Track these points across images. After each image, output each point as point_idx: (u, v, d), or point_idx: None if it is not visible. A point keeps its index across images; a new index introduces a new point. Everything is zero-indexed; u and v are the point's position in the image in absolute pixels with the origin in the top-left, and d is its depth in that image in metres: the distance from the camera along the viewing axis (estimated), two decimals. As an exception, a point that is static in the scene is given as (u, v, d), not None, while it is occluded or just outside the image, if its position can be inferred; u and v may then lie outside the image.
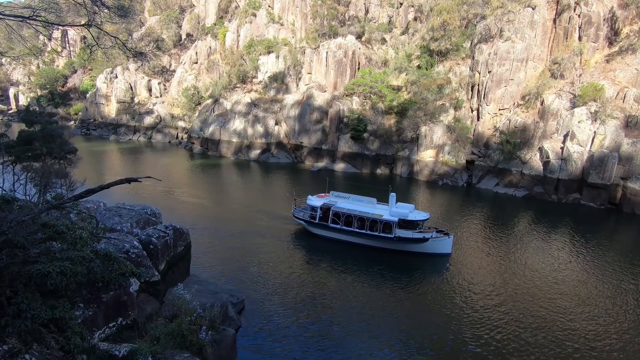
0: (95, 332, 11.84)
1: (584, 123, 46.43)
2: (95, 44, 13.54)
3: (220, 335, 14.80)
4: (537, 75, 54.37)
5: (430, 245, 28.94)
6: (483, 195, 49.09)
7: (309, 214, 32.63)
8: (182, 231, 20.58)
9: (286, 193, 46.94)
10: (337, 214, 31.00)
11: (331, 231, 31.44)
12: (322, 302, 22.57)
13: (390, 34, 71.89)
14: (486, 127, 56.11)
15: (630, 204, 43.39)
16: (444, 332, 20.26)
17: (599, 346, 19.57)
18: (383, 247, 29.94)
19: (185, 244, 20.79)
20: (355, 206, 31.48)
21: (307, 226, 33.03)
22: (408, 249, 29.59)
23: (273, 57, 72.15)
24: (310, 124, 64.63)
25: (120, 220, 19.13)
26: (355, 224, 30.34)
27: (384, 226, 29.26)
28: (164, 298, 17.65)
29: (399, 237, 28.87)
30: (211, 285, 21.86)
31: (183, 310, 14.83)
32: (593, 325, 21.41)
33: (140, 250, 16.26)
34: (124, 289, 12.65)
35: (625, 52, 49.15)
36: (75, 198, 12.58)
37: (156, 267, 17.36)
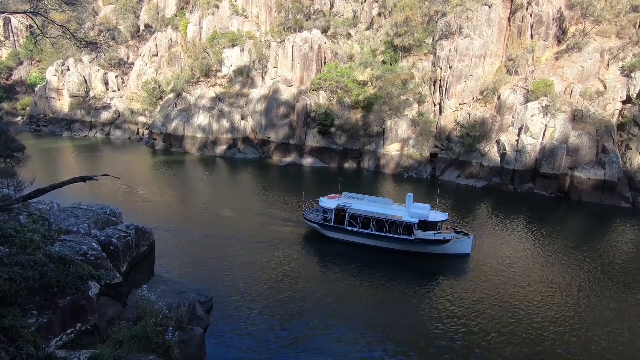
0: (51, 339, 11.23)
1: (536, 117, 49.34)
2: (40, 32, 12.65)
3: (187, 335, 14.50)
4: (494, 71, 56.98)
5: (451, 246, 28.45)
6: (446, 187, 51.04)
7: (322, 217, 30.77)
8: (145, 230, 19.86)
9: (254, 189, 46.44)
10: (354, 216, 29.51)
11: (347, 234, 29.95)
12: (299, 300, 22.53)
13: (355, 29, 72.47)
14: (448, 121, 58.21)
15: (577, 192, 46.80)
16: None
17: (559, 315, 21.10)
18: (402, 249, 29.05)
19: (148, 243, 20.08)
20: (372, 207, 30.01)
21: (320, 229, 31.24)
22: (428, 250, 28.83)
23: (238, 51, 70.63)
24: (277, 118, 64.07)
25: (76, 221, 18.13)
26: (373, 226, 29.05)
27: (404, 228, 28.28)
28: (127, 300, 17.01)
29: (420, 238, 28.07)
30: (177, 285, 21.31)
31: (148, 311, 14.39)
32: (548, 305, 23.03)
33: (100, 252, 15.53)
34: (82, 293, 12.05)
35: (572, 50, 52.58)
36: (24, 199, 11.79)
37: (117, 268, 16.66)
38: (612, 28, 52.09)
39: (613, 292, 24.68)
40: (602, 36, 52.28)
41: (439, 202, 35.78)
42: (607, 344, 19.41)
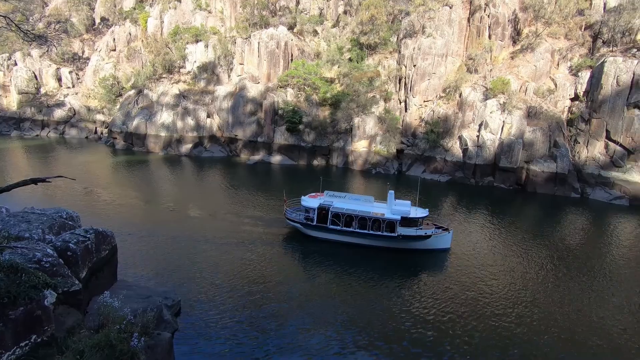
0: (2, 354, 10.48)
1: (495, 113, 51.80)
2: (-19, 25, 11.68)
3: (154, 340, 14.01)
4: (455, 70, 59.12)
5: (432, 242, 29.11)
6: (412, 182, 52.40)
7: (304, 216, 30.49)
8: (106, 234, 18.91)
9: (223, 188, 45.52)
10: (337, 215, 29.48)
11: (331, 233, 29.86)
12: (273, 300, 22.29)
13: (322, 26, 72.60)
14: (413, 117, 59.81)
15: (532, 184, 49.69)
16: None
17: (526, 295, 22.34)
18: (385, 246, 29.37)
19: (110, 247, 19.14)
20: (354, 205, 30.10)
21: (302, 229, 30.96)
22: (410, 246, 29.39)
23: (202, 46, 68.72)
24: (244, 116, 63.09)
25: (28, 226, 16.95)
26: (356, 224, 29.17)
27: (386, 225, 28.62)
28: (88, 308, 16.16)
29: (403, 235, 28.56)
30: (143, 289, 20.49)
31: (111, 318, 13.74)
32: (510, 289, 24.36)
33: (56, 259, 14.64)
34: (36, 302, 11.32)
35: (526, 51, 55.57)
36: (-32, 204, 10.87)
37: (76, 275, 15.77)
38: (561, 30, 55.53)
39: (567, 277, 26.48)
40: (553, 37, 55.63)
41: (404, 198, 36.76)
42: (563, 323, 20.82)
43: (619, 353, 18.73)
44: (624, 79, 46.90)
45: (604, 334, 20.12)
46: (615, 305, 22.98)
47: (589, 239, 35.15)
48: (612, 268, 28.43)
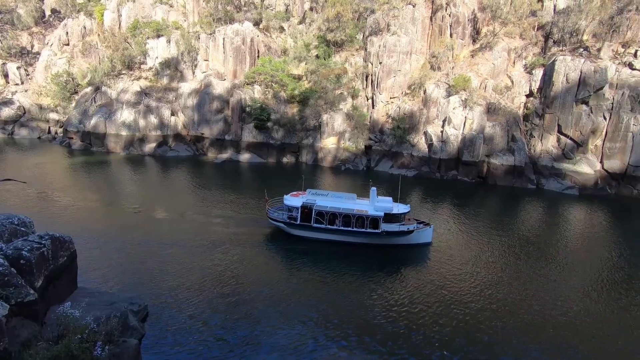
0: (-52, 373, 9.71)
1: (457, 109, 53.80)
2: None
3: (120, 347, 13.54)
4: (419, 67, 60.73)
5: (414, 237, 29.72)
6: (380, 177, 53.48)
7: (288, 215, 30.27)
8: (63, 240, 17.94)
9: (191, 188, 44.29)
10: (321, 213, 29.46)
11: (315, 231, 29.78)
12: (245, 302, 21.84)
13: (288, 23, 72.13)
14: (380, 114, 60.91)
15: (493, 177, 52.16)
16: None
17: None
18: (369, 242, 29.72)
19: (68, 254, 18.18)
20: (338, 203, 30.16)
21: (286, 228, 30.71)
22: (394, 242, 29.82)
23: (164, 42, 66.29)
24: (210, 114, 61.63)
25: (-26, 235, 15.75)
26: (341, 221, 29.28)
27: (370, 222, 28.93)
28: (46, 319, 15.30)
29: (387, 231, 28.97)
30: (106, 296, 19.66)
31: (71, 328, 13.10)
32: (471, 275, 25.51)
33: (7, 268, 13.73)
34: (-14, 315, 10.58)
35: (485, 49, 58.05)
36: None
37: (31, 284, 14.87)
38: (516, 30, 58.42)
39: (526, 264, 28.09)
40: (509, 37, 58.44)
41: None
42: (524, 308, 22.07)
43: (578, 333, 20.13)
44: (572, 77, 50.15)
45: (562, 317, 21.55)
46: (570, 288, 24.65)
47: (545, 227, 37.43)
48: (565, 254, 30.46)
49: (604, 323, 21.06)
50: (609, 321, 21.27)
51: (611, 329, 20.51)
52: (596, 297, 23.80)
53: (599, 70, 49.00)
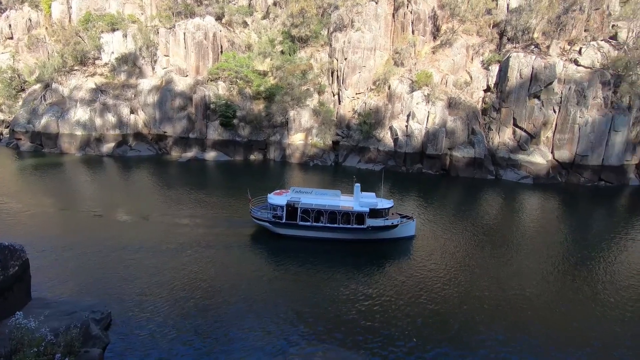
0: None
1: (421, 104, 55.40)
2: None
3: (82, 358, 12.92)
4: (383, 63, 61.87)
5: (398, 231, 30.13)
6: (349, 172, 54.13)
7: (273, 214, 29.89)
8: (14, 248, 16.80)
9: (155, 189, 42.68)
10: (306, 211, 29.30)
11: (301, 229, 29.63)
12: (216, 306, 21.24)
13: (252, 18, 70.94)
14: (346, 110, 61.53)
15: (455, 169, 54.31)
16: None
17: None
18: (355, 238, 29.89)
19: (19, 263, 17.07)
20: (323, 200, 30.00)
21: (271, 227, 30.28)
22: (379, 237, 30.15)
23: (119, 36, 63.11)
24: (173, 111, 59.57)
25: None
26: (326, 218, 29.22)
27: (356, 218, 29.02)
28: (-2, 333, 14.27)
29: (372, 226, 29.23)
30: (65, 306, 18.65)
31: (26, 341, 12.33)
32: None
33: (-49, 281, 12.66)
34: None
35: (445, 46, 60.07)
36: None
37: (-21, 297, 13.82)
38: (473, 27, 60.90)
39: (489, 251, 29.58)
40: (467, 34, 60.82)
41: (341, 187, 37.85)
42: (489, 292, 23.25)
43: (538, 313, 21.50)
44: (525, 73, 53.08)
45: (523, 299, 22.93)
46: (530, 272, 26.25)
47: (504, 216, 39.56)
48: (523, 240, 32.40)
49: (560, 302, 22.65)
50: (564, 299, 22.91)
51: (567, 307, 22.11)
52: (552, 279, 25.51)
53: (548, 67, 52.20)
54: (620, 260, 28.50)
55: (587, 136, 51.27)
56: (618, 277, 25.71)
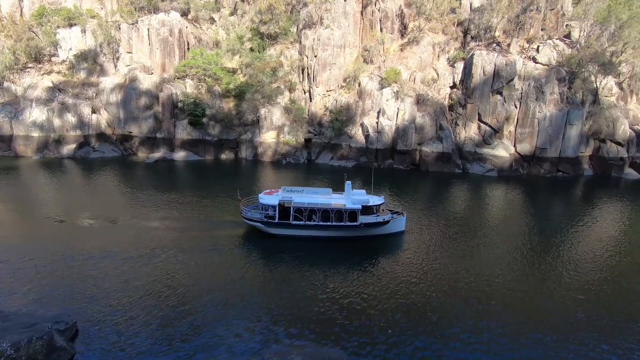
0: None
1: (390, 101, 56.42)
2: None
3: (48, 371, 12.28)
4: (353, 60, 62.43)
5: (390, 226, 30.42)
6: (321, 169, 54.38)
7: (265, 214, 29.51)
8: (-33, 259, 15.66)
9: (121, 191, 41.00)
10: (299, 210, 29.06)
11: (294, 229, 29.37)
12: (191, 312, 20.58)
13: (219, 14, 69.43)
14: (318, 107, 61.63)
15: (425, 164, 55.81)
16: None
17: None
18: (348, 235, 29.96)
19: (-26, 275, 15.92)
20: (315, 199, 29.88)
21: (264, 227, 29.86)
22: (371, 233, 30.38)
23: (78, 32, 59.99)
24: (138, 110, 57.43)
25: None
26: (320, 217, 29.11)
27: (348, 215, 29.08)
28: (-49, 351, 13.31)
29: (365, 223, 29.43)
30: (25, 317, 17.63)
31: (-15, 357, 11.58)
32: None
33: None
34: None
35: (412, 43, 61.40)
36: None
37: None
38: (439, 26, 62.60)
39: (458, 242, 30.65)
40: (433, 32, 62.44)
41: (315, 184, 38.00)
42: (459, 282, 24.12)
43: (506, 299, 22.54)
44: (488, 70, 55.25)
45: (492, 286, 23.96)
46: (497, 259, 27.46)
47: (472, 207, 41.10)
48: (490, 230, 33.81)
49: (528, 288, 23.86)
50: (528, 283, 24.15)
51: (531, 290, 23.33)
52: (520, 267, 26.77)
53: (509, 64, 54.58)
54: (579, 246, 30.38)
55: (545, 130, 54.13)
56: (579, 261, 27.38)
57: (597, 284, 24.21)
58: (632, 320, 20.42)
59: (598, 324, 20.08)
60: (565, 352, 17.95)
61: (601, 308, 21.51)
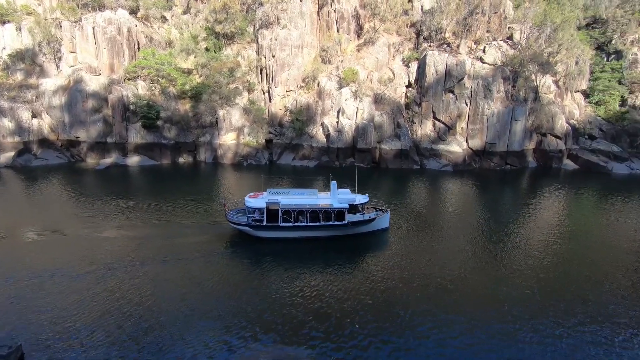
0: None
1: (349, 100, 57.35)
2: None
3: (-10, 400, 11.24)
4: (311, 61, 62.74)
5: (375, 224, 31.01)
6: (284, 170, 54.12)
7: (253, 217, 29.17)
8: None
9: (69, 202, 38.25)
10: (287, 211, 28.94)
11: (283, 230, 29.22)
12: (153, 328, 19.71)
13: (171, 12, 66.91)
14: (278, 107, 61.28)
15: (384, 161, 57.35)
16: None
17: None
18: (337, 234, 30.18)
19: None
20: (302, 200, 29.90)
21: (251, 231, 29.47)
22: (358, 231, 30.76)
23: (12, 29, 55.31)
24: (85, 114, 53.98)
25: None
26: (308, 217, 29.10)
27: (336, 214, 29.33)
28: None
29: (352, 222, 29.81)
30: (-38, 343, 16.03)
31: None
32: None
33: None
34: None
35: (368, 44, 62.82)
36: None
37: None
38: (393, 27, 64.56)
39: (419, 235, 31.79)
40: (388, 33, 64.28)
41: (277, 186, 37.65)
42: (419, 275, 25.00)
43: (463, 287, 23.67)
44: (440, 69, 57.81)
45: (449, 277, 25.08)
46: (455, 250, 28.79)
47: (430, 201, 42.81)
48: (448, 222, 35.41)
49: (484, 276, 25.24)
50: (487, 272, 25.57)
51: (486, 278, 24.72)
52: (475, 255, 28.27)
53: (459, 64, 57.46)
54: (529, 233, 32.64)
55: (494, 126, 57.60)
56: (530, 248, 29.37)
57: (547, 269, 26.00)
58: (581, 302, 22.11)
59: (551, 307, 21.47)
60: (526, 339, 19.18)
61: (554, 293, 22.97)
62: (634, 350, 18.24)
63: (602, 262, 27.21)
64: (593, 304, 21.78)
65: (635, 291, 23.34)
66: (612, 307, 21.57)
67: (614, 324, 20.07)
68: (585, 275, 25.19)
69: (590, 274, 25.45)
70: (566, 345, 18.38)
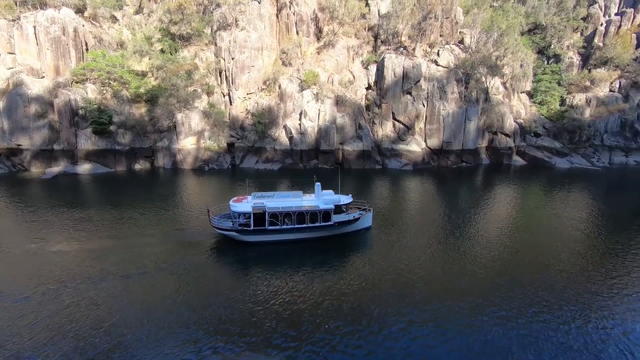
0: None
1: (311, 103, 57.67)
2: None
3: None
4: (272, 63, 62.40)
5: (359, 223, 31.49)
6: (247, 173, 53.26)
7: (239, 222, 28.83)
8: None
9: (12, 215, 35.15)
10: (274, 215, 28.74)
11: (270, 234, 29.01)
12: (124, 347, 18.85)
13: (122, 12, 63.80)
14: (239, 110, 60.31)
15: (347, 162, 58.23)
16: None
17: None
18: (323, 235, 30.32)
19: None
20: (288, 202, 29.92)
21: (238, 236, 28.97)
22: (343, 231, 31.09)
23: (-63, 28, 49.99)
24: (27, 119, 50.05)
25: None
26: (295, 220, 29.01)
27: (322, 215, 29.48)
28: None
29: (338, 222, 30.16)
30: None
31: None
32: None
33: None
34: None
35: (328, 47, 63.58)
36: None
37: None
38: (352, 30, 65.81)
39: (383, 232, 32.58)
40: (347, 36, 65.42)
41: (242, 191, 36.91)
42: (388, 272, 25.61)
43: (428, 280, 24.56)
44: (398, 72, 59.73)
45: (420, 278, 25.91)
46: (419, 246, 29.79)
47: (392, 199, 44.02)
48: (410, 219, 36.60)
49: (447, 270, 26.33)
50: (451, 267, 26.70)
51: (452, 271, 25.83)
52: (437, 250, 29.45)
53: (416, 66, 59.70)
54: (486, 226, 34.51)
55: (449, 126, 60.38)
56: (487, 240, 31.05)
57: (506, 260, 27.59)
58: (539, 288, 23.69)
59: (511, 295, 22.81)
60: (493, 329, 20.26)
61: (513, 282, 24.45)
62: (581, 323, 19.88)
63: (551, 248, 29.41)
64: (546, 287, 23.47)
65: (581, 271, 25.47)
66: (561, 287, 23.40)
67: (564, 301, 21.77)
68: (539, 262, 27.10)
69: (544, 259, 27.41)
70: (528, 331, 19.64)
